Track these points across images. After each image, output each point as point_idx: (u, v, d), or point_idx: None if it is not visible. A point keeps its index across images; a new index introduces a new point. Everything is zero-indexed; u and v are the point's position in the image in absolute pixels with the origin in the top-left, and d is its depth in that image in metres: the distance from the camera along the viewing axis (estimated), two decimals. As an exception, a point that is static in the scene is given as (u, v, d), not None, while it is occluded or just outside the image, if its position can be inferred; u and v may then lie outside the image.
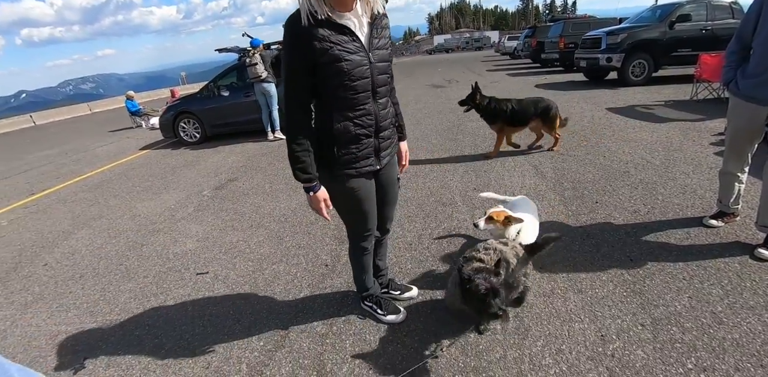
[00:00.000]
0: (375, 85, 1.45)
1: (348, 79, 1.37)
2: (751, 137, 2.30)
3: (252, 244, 3.02)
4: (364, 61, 1.39)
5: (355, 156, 1.50)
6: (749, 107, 2.20)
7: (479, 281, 1.43)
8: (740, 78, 2.22)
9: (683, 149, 4.13)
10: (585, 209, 2.96)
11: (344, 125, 1.44)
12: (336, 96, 1.40)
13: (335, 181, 1.53)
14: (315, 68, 1.35)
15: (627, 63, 8.26)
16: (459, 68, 18.60)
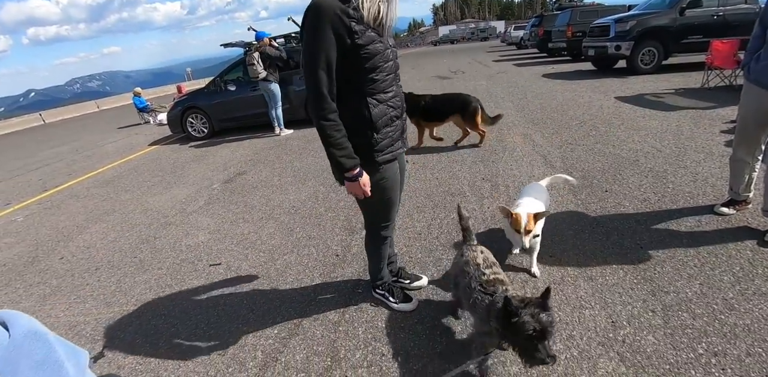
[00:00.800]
0: (396, 68, 1.50)
1: (382, 61, 1.39)
2: (761, 123, 2.27)
3: (263, 235, 3.06)
4: (387, 44, 1.43)
5: (392, 139, 1.52)
6: (758, 92, 2.17)
7: (527, 318, 1.13)
8: (754, 62, 2.20)
9: (694, 137, 4.07)
10: (595, 198, 2.95)
11: (380, 108, 1.45)
12: (370, 80, 1.40)
13: (371, 172, 1.52)
14: (349, 51, 1.33)
15: (636, 51, 8.10)
16: (465, 59, 18.39)
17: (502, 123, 5.47)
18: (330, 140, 1.38)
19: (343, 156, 1.41)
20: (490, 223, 2.75)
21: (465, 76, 11.58)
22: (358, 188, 1.48)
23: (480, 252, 1.60)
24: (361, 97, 1.42)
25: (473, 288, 1.44)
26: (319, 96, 1.35)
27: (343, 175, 1.47)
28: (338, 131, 1.39)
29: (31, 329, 0.42)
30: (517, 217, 1.87)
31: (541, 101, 6.74)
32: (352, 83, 1.40)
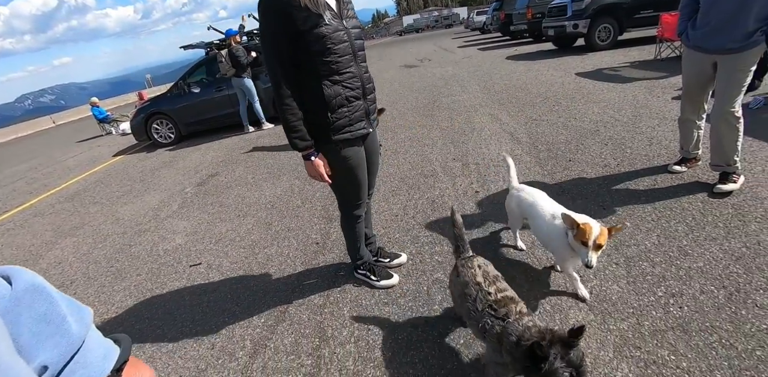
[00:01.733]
0: (354, 49, 1.54)
1: (330, 43, 1.44)
2: (702, 85, 2.43)
3: (241, 232, 3.05)
4: (340, 26, 1.48)
5: (349, 119, 1.57)
6: (697, 56, 2.32)
7: (558, 365, 0.95)
8: (690, 30, 2.33)
9: (648, 105, 4.27)
10: (559, 167, 3.08)
11: (334, 89, 1.51)
12: (322, 62, 1.46)
13: (330, 151, 1.60)
14: (297, 37, 1.41)
15: (593, 28, 8.35)
16: (430, 47, 18.46)
17: (470, 105, 5.60)
18: (286, 123, 1.50)
19: (296, 138, 1.51)
20: (463, 199, 2.83)
21: (432, 63, 11.65)
22: (312, 168, 1.58)
23: (477, 267, 1.38)
24: (315, 79, 1.49)
25: (480, 312, 1.23)
26: (275, 83, 1.46)
27: (301, 155, 1.57)
28: (293, 115, 1.48)
29: (33, 283, 0.41)
30: (585, 228, 1.47)
31: (506, 81, 6.88)
32: (307, 67, 1.48)
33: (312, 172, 1.60)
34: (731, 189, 2.31)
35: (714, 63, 2.27)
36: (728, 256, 1.82)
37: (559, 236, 1.63)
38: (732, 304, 1.57)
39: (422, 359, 1.54)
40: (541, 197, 1.89)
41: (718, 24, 2.14)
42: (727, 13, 2.08)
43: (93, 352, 0.43)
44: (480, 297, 1.27)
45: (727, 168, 2.35)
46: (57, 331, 0.40)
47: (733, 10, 2.06)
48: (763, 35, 2.05)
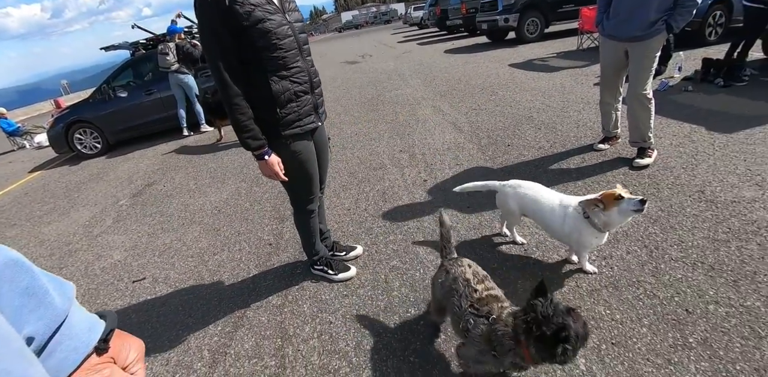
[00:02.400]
0: (299, 43, 1.51)
1: (276, 38, 1.41)
2: (617, 71, 2.69)
3: (188, 241, 2.88)
4: (284, 21, 1.44)
5: (297, 114, 1.55)
6: (611, 44, 2.56)
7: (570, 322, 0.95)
8: (605, 20, 2.56)
9: (574, 91, 4.64)
10: (500, 152, 3.25)
11: (282, 84, 1.47)
12: (268, 58, 1.42)
13: (280, 146, 1.57)
14: (240, 33, 1.36)
15: (522, 22, 8.89)
16: (370, 43, 18.51)
17: (412, 99, 5.72)
18: (236, 123, 1.44)
19: (247, 138, 1.46)
20: (413, 189, 2.90)
21: (373, 59, 11.70)
22: (266, 167, 1.54)
23: (468, 266, 1.35)
24: (262, 75, 1.45)
25: (463, 309, 1.20)
26: (221, 82, 1.40)
27: (253, 154, 1.52)
28: (243, 114, 1.43)
29: (13, 258, 0.42)
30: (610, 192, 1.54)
31: (445, 74, 7.10)
32: (252, 63, 1.44)
33: (267, 171, 1.56)
34: (647, 163, 2.59)
35: (626, 50, 2.52)
36: (647, 219, 2.05)
37: (577, 223, 1.60)
38: (653, 260, 1.78)
39: (386, 344, 1.57)
40: (542, 189, 1.81)
41: (625, 15, 2.38)
42: (632, 4, 2.31)
43: (78, 324, 0.44)
44: (466, 293, 1.23)
45: (643, 144, 2.63)
46: (40, 304, 0.41)
47: (637, 3, 2.29)
48: (663, 24, 2.31)
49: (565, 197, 1.72)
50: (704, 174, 2.42)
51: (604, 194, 1.56)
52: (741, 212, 2.02)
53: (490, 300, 1.18)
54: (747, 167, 2.43)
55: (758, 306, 1.46)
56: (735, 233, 1.88)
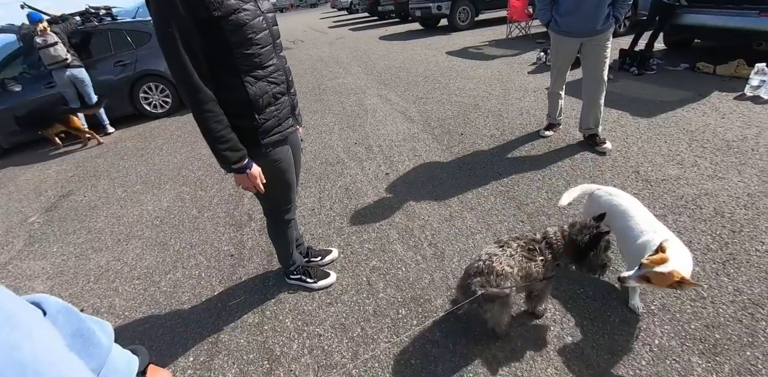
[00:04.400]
0: (274, 38, 1.32)
1: (252, 32, 1.20)
2: (568, 64, 2.86)
3: (129, 261, 2.53)
4: (258, 11, 1.23)
5: (277, 119, 1.37)
6: (567, 40, 2.69)
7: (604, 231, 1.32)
8: (557, 17, 2.66)
9: (512, 79, 4.88)
10: (455, 141, 3.32)
11: (259, 86, 1.28)
12: (241, 55, 1.21)
13: (258, 155, 1.38)
14: (209, 26, 1.13)
15: (454, 10, 9.07)
16: (299, 27, 17.65)
17: (356, 87, 5.59)
18: (211, 133, 1.22)
19: (226, 149, 1.25)
20: (376, 183, 2.85)
21: (305, 45, 11.18)
22: (246, 180, 1.35)
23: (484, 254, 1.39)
24: (235, 76, 1.24)
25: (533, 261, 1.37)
26: (188, 85, 1.15)
27: (230, 168, 1.31)
28: (219, 123, 1.21)
29: (63, 305, 0.47)
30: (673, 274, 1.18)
31: (385, 62, 7.04)
32: (222, 62, 1.21)
33: (245, 183, 1.36)
34: (611, 147, 2.80)
35: (579, 45, 2.67)
36: (598, 202, 2.24)
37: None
38: (608, 240, 1.95)
39: (383, 350, 1.54)
40: (637, 206, 1.58)
41: (584, 12, 2.50)
42: (592, 4, 2.45)
43: (119, 360, 0.51)
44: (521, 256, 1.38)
45: (594, 130, 2.84)
46: (90, 343, 0.47)
47: (596, 2, 2.44)
48: (613, 18, 2.53)
49: (658, 227, 1.45)
50: (636, 156, 2.71)
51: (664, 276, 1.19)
52: (670, 189, 2.30)
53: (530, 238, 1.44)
54: (668, 147, 2.76)
55: (697, 271, 1.68)
56: (669, 208, 2.13)
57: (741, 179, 2.32)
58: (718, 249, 1.79)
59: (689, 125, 3.07)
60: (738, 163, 2.48)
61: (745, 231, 1.89)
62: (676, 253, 1.23)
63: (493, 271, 1.32)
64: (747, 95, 3.51)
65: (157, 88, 5.60)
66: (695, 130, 2.98)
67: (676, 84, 4.00)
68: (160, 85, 5.58)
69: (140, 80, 5.44)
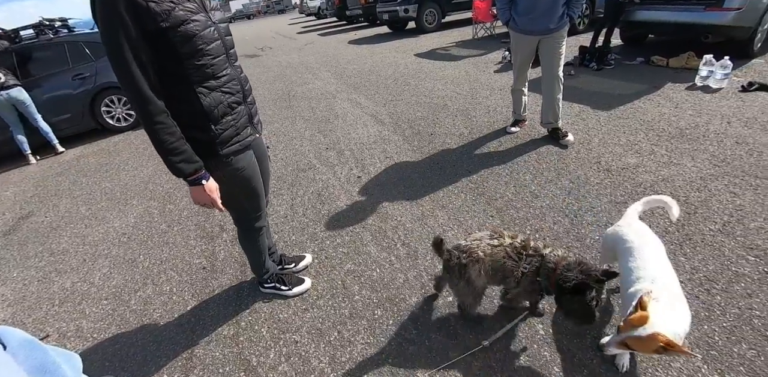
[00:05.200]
0: (227, 48, 1.32)
1: (203, 43, 1.19)
2: (528, 61, 2.95)
3: (96, 281, 2.43)
4: (209, 21, 1.23)
5: (235, 128, 1.35)
6: (526, 38, 2.78)
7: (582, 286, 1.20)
8: (516, 17, 2.75)
9: (478, 79, 4.99)
10: (425, 142, 3.36)
11: (213, 96, 1.26)
12: (193, 66, 1.19)
13: (220, 166, 1.36)
14: (157, 37, 1.11)
15: (421, 13, 9.24)
16: (268, 34, 17.50)
17: (326, 92, 5.58)
18: (164, 145, 1.19)
19: (180, 161, 1.22)
20: (348, 186, 2.85)
21: (274, 51, 11.10)
22: (203, 194, 1.31)
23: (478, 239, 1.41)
24: (188, 87, 1.22)
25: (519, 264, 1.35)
26: (138, 97, 1.13)
27: (186, 180, 1.28)
28: (171, 135, 1.19)
29: (25, 338, 0.46)
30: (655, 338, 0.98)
31: (354, 66, 7.06)
32: (174, 73, 1.19)
33: (201, 198, 1.32)
34: (573, 139, 2.90)
35: (537, 42, 2.76)
36: (563, 191, 2.32)
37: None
38: (574, 227, 2.02)
39: (360, 352, 1.53)
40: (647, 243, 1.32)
41: (540, 11, 2.59)
42: (548, 4, 2.55)
43: None
44: (510, 251, 1.36)
45: (555, 124, 2.94)
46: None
47: (551, 2, 2.54)
48: (567, 17, 2.64)
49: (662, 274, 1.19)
50: (597, 147, 2.81)
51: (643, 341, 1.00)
52: (630, 177, 2.40)
53: (526, 243, 1.38)
54: (627, 138, 2.89)
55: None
56: (629, 194, 2.23)
57: (694, 164, 2.44)
58: (675, 231, 1.88)
59: (645, 116, 3.21)
60: (691, 149, 2.62)
61: (699, 212, 1.99)
62: (662, 309, 1.00)
63: (468, 251, 1.37)
64: (697, 85, 3.71)
65: (120, 101, 5.42)
66: (651, 120, 3.12)
67: (633, 77, 4.19)
68: (123, 98, 5.40)
69: (101, 93, 5.26)
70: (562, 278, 1.25)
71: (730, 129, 2.81)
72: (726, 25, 3.93)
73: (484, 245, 1.39)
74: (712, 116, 3.04)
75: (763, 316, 1.43)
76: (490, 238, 1.42)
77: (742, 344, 1.34)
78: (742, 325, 1.40)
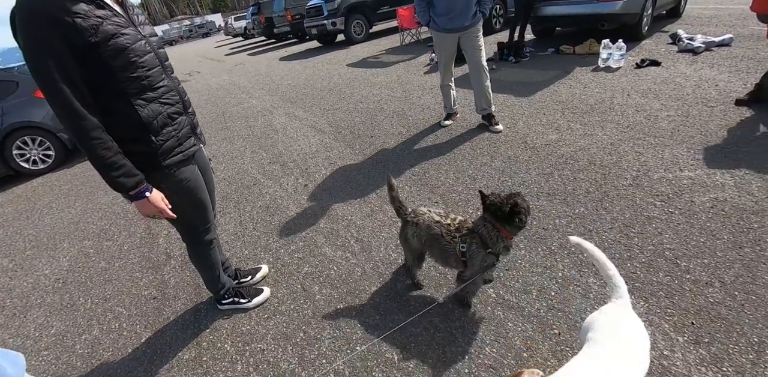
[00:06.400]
0: (161, 60, 1.31)
1: (135, 55, 1.19)
2: (452, 57, 3.14)
3: (31, 332, 2.19)
4: (138, 35, 1.23)
5: (177, 138, 1.34)
6: (447, 36, 2.97)
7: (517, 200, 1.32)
8: (435, 17, 2.94)
9: (410, 81, 5.21)
10: (366, 144, 3.45)
11: (151, 108, 1.25)
12: (127, 79, 1.18)
13: (163, 178, 1.34)
14: (86, 52, 1.09)
15: (348, 24, 9.46)
16: (194, 59, 16.94)
17: (262, 109, 5.53)
18: (101, 161, 1.17)
19: (120, 176, 1.20)
20: (295, 196, 2.84)
21: (203, 75, 10.77)
22: (149, 206, 1.28)
23: (428, 211, 1.53)
24: (124, 100, 1.21)
25: (452, 243, 1.42)
26: (70, 114, 1.11)
27: (128, 195, 1.25)
28: (108, 149, 1.17)
29: None
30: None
31: (288, 81, 7.06)
32: (107, 87, 1.18)
33: (149, 210, 1.29)
34: (502, 128, 3.11)
35: (457, 39, 2.95)
36: (497, 171, 2.49)
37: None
38: (512, 203, 2.17)
39: (328, 346, 1.54)
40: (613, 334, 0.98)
41: (457, 11, 2.81)
42: (462, 4, 2.77)
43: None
44: (445, 232, 1.45)
45: (489, 109, 3.14)
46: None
47: (465, 2, 2.77)
48: (480, 13, 2.87)
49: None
50: (522, 129, 3.06)
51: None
52: (553, 151, 2.63)
53: (462, 224, 1.46)
54: (546, 118, 3.16)
55: (582, 211, 1.95)
56: (554, 165, 2.44)
57: (604, 132, 2.74)
58: (595, 191, 2.10)
59: (560, 97, 3.55)
60: (601, 121, 2.93)
61: (613, 172, 2.24)
62: None
63: (416, 215, 1.53)
64: (600, 67, 4.17)
65: (34, 142, 4.97)
66: (565, 100, 3.45)
67: (547, 66, 4.60)
68: (37, 138, 4.96)
69: (12, 135, 4.79)
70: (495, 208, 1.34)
71: (630, 100, 3.19)
72: (616, 13, 4.53)
73: (428, 218, 1.50)
74: (615, 91, 3.42)
75: (673, 248, 1.64)
76: (438, 216, 1.51)
77: (659, 273, 1.53)
78: (657, 258, 1.60)
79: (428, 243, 1.50)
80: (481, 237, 1.38)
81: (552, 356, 1.34)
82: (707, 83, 3.25)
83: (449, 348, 1.43)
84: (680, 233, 1.72)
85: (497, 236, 1.36)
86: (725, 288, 1.47)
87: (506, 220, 1.33)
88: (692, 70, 3.62)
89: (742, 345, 1.29)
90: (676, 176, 2.12)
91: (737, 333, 1.32)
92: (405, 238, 1.58)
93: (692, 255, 1.61)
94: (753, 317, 1.36)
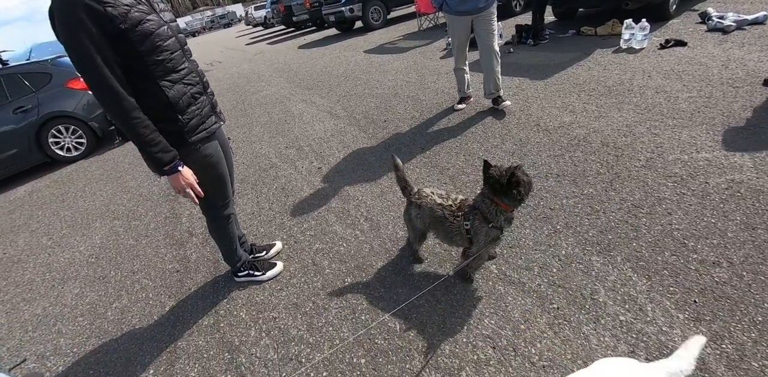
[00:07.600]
0: (181, 44, 1.42)
1: (160, 40, 1.30)
2: (466, 40, 3.11)
3: (68, 302, 2.40)
4: (161, 21, 1.33)
5: (200, 117, 1.46)
6: (459, 19, 2.94)
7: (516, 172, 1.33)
8: (448, 0, 2.90)
9: (426, 66, 5.16)
10: (379, 129, 3.48)
11: (177, 89, 1.36)
12: (154, 62, 1.29)
13: (189, 153, 1.45)
14: (118, 38, 1.20)
15: (366, 11, 9.37)
16: (216, 49, 17.23)
17: (281, 96, 5.62)
18: (142, 138, 1.29)
19: (158, 152, 1.32)
20: (309, 178, 2.93)
21: (224, 65, 10.98)
22: (180, 181, 1.40)
23: (431, 193, 1.56)
24: (152, 82, 1.32)
25: (456, 222, 1.45)
26: (112, 94, 1.22)
27: (163, 170, 1.37)
28: (146, 128, 1.29)
29: None
30: None
31: (306, 69, 7.12)
32: (137, 70, 1.29)
33: (181, 184, 1.40)
34: (509, 103, 3.09)
35: (470, 22, 2.92)
36: (507, 153, 2.49)
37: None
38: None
39: (336, 315, 1.63)
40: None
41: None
42: None
43: None
44: (447, 214, 1.47)
45: (497, 93, 3.11)
46: None
47: None
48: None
49: None
50: (536, 112, 3.02)
51: None
52: (565, 133, 2.60)
53: (463, 202, 1.49)
54: (561, 100, 3.11)
55: (592, 192, 1.94)
56: (565, 147, 2.42)
57: (620, 114, 2.67)
58: (606, 172, 2.08)
59: (578, 79, 3.46)
60: (618, 102, 2.86)
61: (626, 154, 2.20)
62: None
63: (420, 196, 1.57)
64: (622, 48, 4.01)
65: (68, 130, 5.26)
66: (582, 82, 3.37)
67: (566, 48, 4.47)
68: (70, 127, 5.24)
69: (47, 124, 5.08)
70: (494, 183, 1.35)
71: (651, 81, 3.08)
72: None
73: (430, 201, 1.53)
74: (635, 73, 3.31)
75: (681, 228, 1.62)
76: (440, 198, 1.54)
77: (665, 252, 1.53)
78: (665, 238, 1.59)
79: (432, 226, 1.54)
80: (482, 212, 1.40)
81: (549, 329, 1.38)
82: (735, 63, 3.09)
83: (449, 319, 1.49)
84: (690, 214, 1.70)
85: (496, 210, 1.38)
86: (733, 268, 1.45)
87: (504, 193, 1.34)
88: (720, 50, 3.44)
89: (744, 324, 1.29)
90: (692, 157, 2.06)
91: (741, 312, 1.32)
92: (409, 217, 1.64)
93: (701, 236, 1.59)
94: (760, 297, 1.35)
